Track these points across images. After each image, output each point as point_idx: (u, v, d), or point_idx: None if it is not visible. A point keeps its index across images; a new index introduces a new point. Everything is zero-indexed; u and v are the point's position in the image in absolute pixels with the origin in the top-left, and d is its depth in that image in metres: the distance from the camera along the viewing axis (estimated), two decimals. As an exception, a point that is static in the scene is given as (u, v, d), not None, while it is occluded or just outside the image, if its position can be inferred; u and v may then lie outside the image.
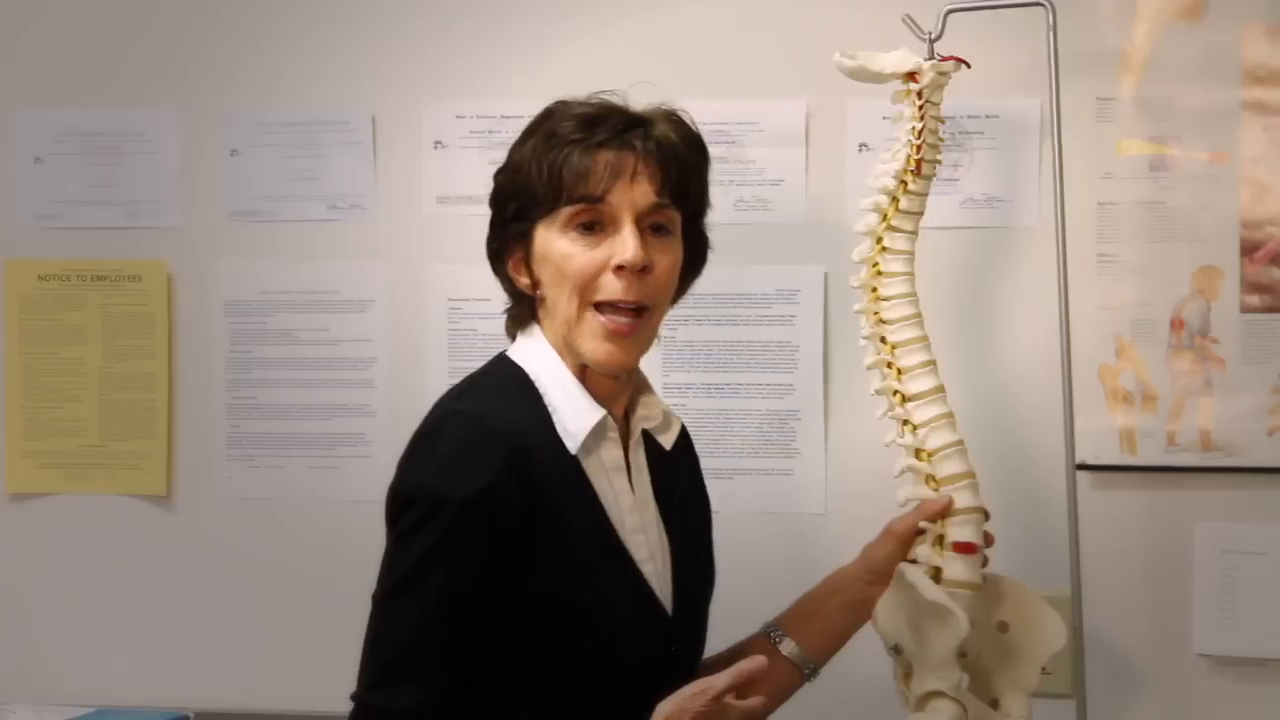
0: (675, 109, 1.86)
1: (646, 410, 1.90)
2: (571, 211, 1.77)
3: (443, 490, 1.70)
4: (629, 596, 1.80)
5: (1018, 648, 1.96)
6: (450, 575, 1.70)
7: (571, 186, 1.77)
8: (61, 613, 2.64)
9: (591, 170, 1.76)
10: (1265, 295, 2.36)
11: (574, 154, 1.77)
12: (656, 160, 1.79)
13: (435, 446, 1.75)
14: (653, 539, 1.85)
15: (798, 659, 1.98)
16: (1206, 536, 2.38)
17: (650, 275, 1.79)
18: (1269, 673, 2.38)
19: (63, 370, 2.62)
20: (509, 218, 1.83)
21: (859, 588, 1.97)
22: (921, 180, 2.00)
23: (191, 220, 2.61)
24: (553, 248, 1.79)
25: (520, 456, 1.73)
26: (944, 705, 1.87)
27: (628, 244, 1.76)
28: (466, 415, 1.77)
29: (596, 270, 1.77)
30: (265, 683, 2.58)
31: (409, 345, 2.56)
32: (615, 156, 1.77)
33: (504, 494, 1.71)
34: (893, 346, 1.98)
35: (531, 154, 1.80)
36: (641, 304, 1.79)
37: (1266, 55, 2.35)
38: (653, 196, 1.79)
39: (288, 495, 2.59)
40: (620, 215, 1.77)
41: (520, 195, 1.81)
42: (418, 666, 1.71)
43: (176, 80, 2.60)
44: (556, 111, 1.83)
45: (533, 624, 1.75)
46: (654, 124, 1.82)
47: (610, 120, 1.79)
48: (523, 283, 1.84)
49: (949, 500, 1.93)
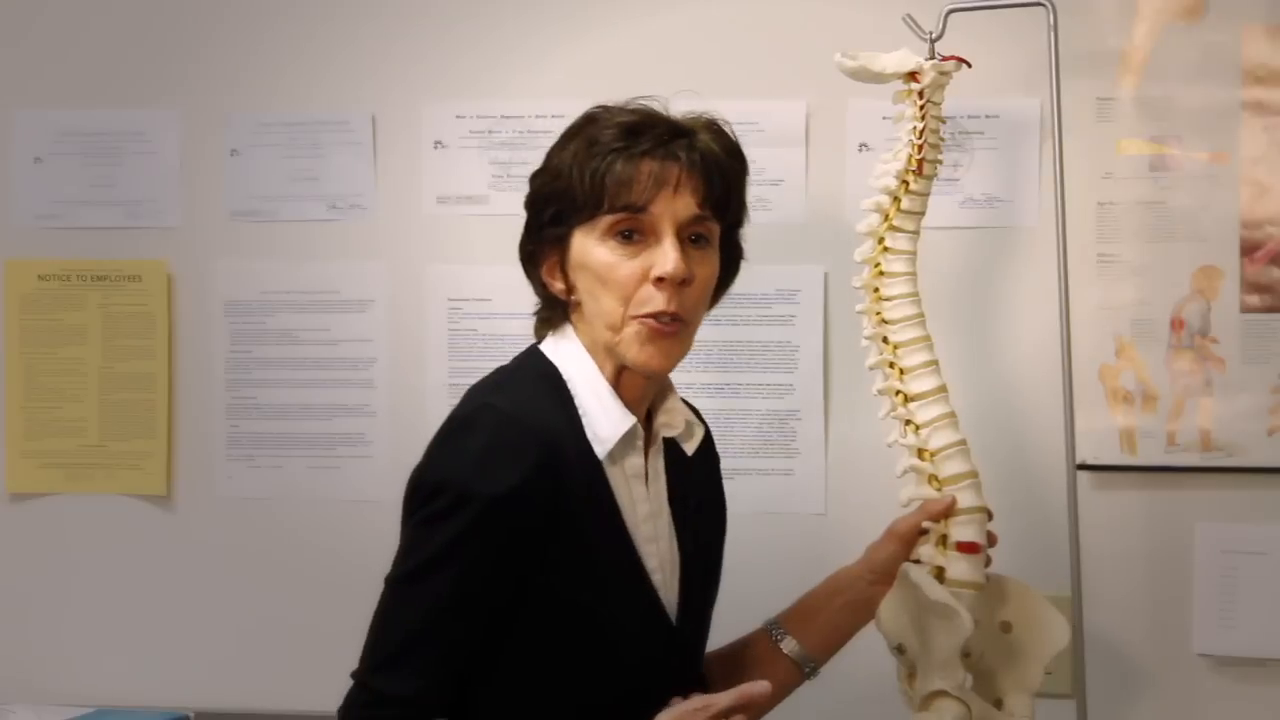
0: (716, 118, 1.85)
1: (668, 417, 1.89)
2: (612, 220, 1.76)
3: (471, 485, 1.70)
4: (636, 605, 1.80)
5: (1021, 648, 1.96)
6: (466, 570, 1.70)
7: (614, 195, 1.76)
8: (61, 612, 2.64)
9: (635, 179, 1.75)
10: (1265, 295, 2.36)
11: (617, 162, 1.76)
12: (700, 172, 1.78)
13: (467, 440, 1.74)
14: (663, 548, 1.85)
15: (798, 657, 1.98)
16: (1206, 536, 2.38)
17: (688, 287, 1.78)
18: (1269, 673, 2.38)
19: (63, 370, 2.62)
20: (546, 222, 1.81)
21: (861, 588, 1.97)
22: (923, 180, 2.00)
23: (191, 220, 2.60)
24: (591, 255, 1.78)
25: (550, 458, 1.72)
26: (948, 705, 1.87)
27: (669, 256, 1.75)
28: (501, 410, 1.75)
29: (637, 280, 1.76)
30: (265, 683, 2.58)
31: (409, 345, 2.56)
32: (659, 166, 1.76)
33: (531, 495, 1.70)
34: (895, 347, 1.98)
35: (573, 159, 1.78)
36: (679, 315, 1.78)
37: (1266, 55, 2.35)
38: (694, 208, 1.78)
39: (288, 495, 2.59)
40: (661, 226, 1.76)
41: (559, 200, 1.79)
42: (421, 655, 1.71)
43: (176, 80, 2.60)
44: (599, 117, 1.81)
45: (539, 624, 1.75)
46: (697, 134, 1.80)
47: (654, 129, 1.78)
48: (557, 287, 1.83)
49: (952, 500, 1.93)
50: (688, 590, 1.87)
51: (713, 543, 1.98)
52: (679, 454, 1.91)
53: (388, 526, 1.84)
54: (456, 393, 2.45)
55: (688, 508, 1.90)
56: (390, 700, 1.71)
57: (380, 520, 1.93)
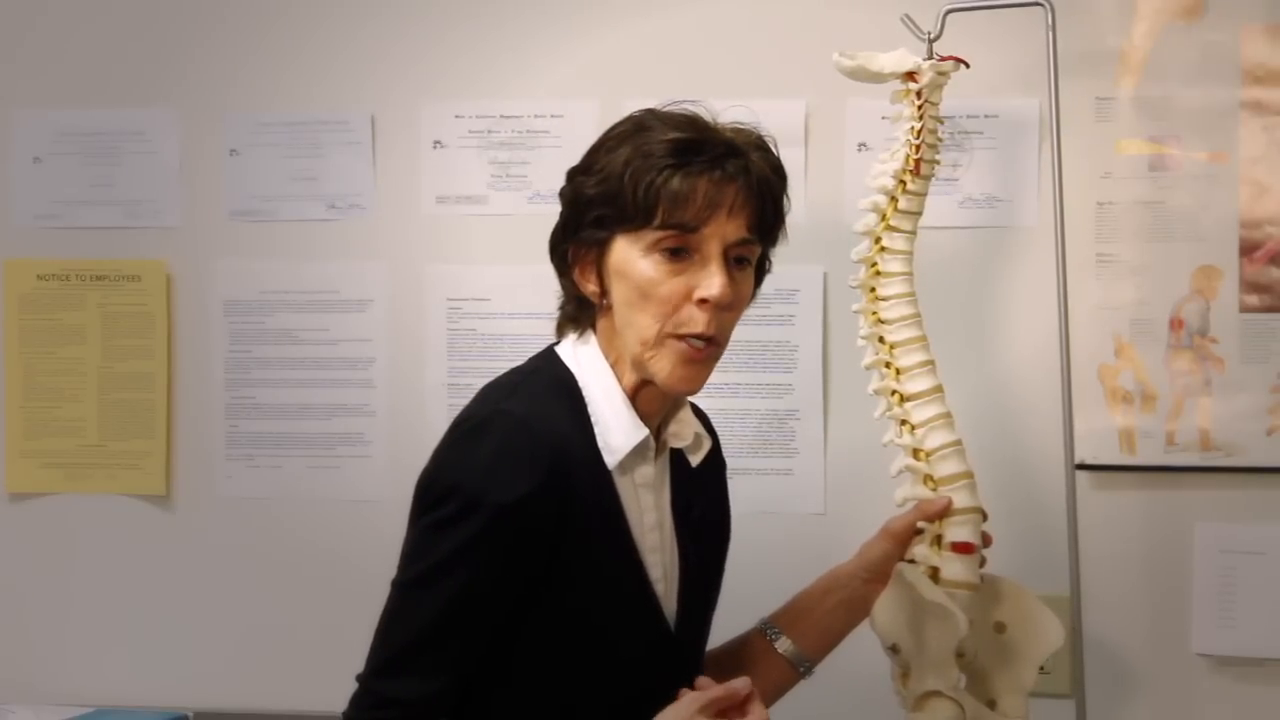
0: (764, 134, 1.83)
1: (678, 428, 1.88)
2: (662, 235, 1.74)
3: (481, 491, 1.69)
4: (638, 614, 1.79)
5: (1015, 648, 1.96)
6: (473, 576, 1.70)
7: (668, 210, 1.73)
8: (61, 612, 2.64)
9: (691, 198, 1.73)
10: (1264, 295, 2.36)
11: (674, 178, 1.73)
12: (755, 196, 1.77)
13: (479, 445, 1.73)
14: (666, 558, 1.85)
15: (793, 657, 1.98)
16: (1205, 536, 2.38)
17: (728, 310, 1.78)
18: (1268, 673, 2.38)
19: (62, 370, 2.62)
20: (587, 223, 1.79)
21: (855, 586, 1.97)
22: (920, 180, 2.00)
23: (191, 220, 2.61)
24: (634, 266, 1.76)
25: (561, 466, 1.71)
26: (942, 705, 1.86)
27: (715, 280, 1.74)
28: (514, 416, 1.74)
29: (681, 299, 1.75)
30: (265, 682, 2.58)
31: (408, 345, 2.56)
32: (714, 189, 1.74)
33: (540, 504, 1.70)
34: (891, 346, 1.98)
35: (624, 167, 1.75)
36: (716, 338, 1.78)
37: (1265, 55, 2.35)
38: (744, 232, 1.77)
39: (287, 495, 2.59)
40: (709, 246, 1.75)
41: (607, 204, 1.76)
42: (426, 660, 1.71)
43: (176, 80, 2.60)
44: (651, 125, 1.78)
45: (543, 630, 1.75)
46: (749, 154, 1.79)
47: (708, 146, 1.76)
48: (590, 289, 1.81)
49: (947, 500, 1.92)
50: (688, 599, 1.87)
51: (714, 552, 1.97)
52: (684, 462, 1.91)
53: (387, 526, 1.84)
54: (456, 392, 2.49)
55: (691, 517, 1.89)
56: (394, 703, 1.71)
57: (380, 520, 1.93)
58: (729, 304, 1.76)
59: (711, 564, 1.96)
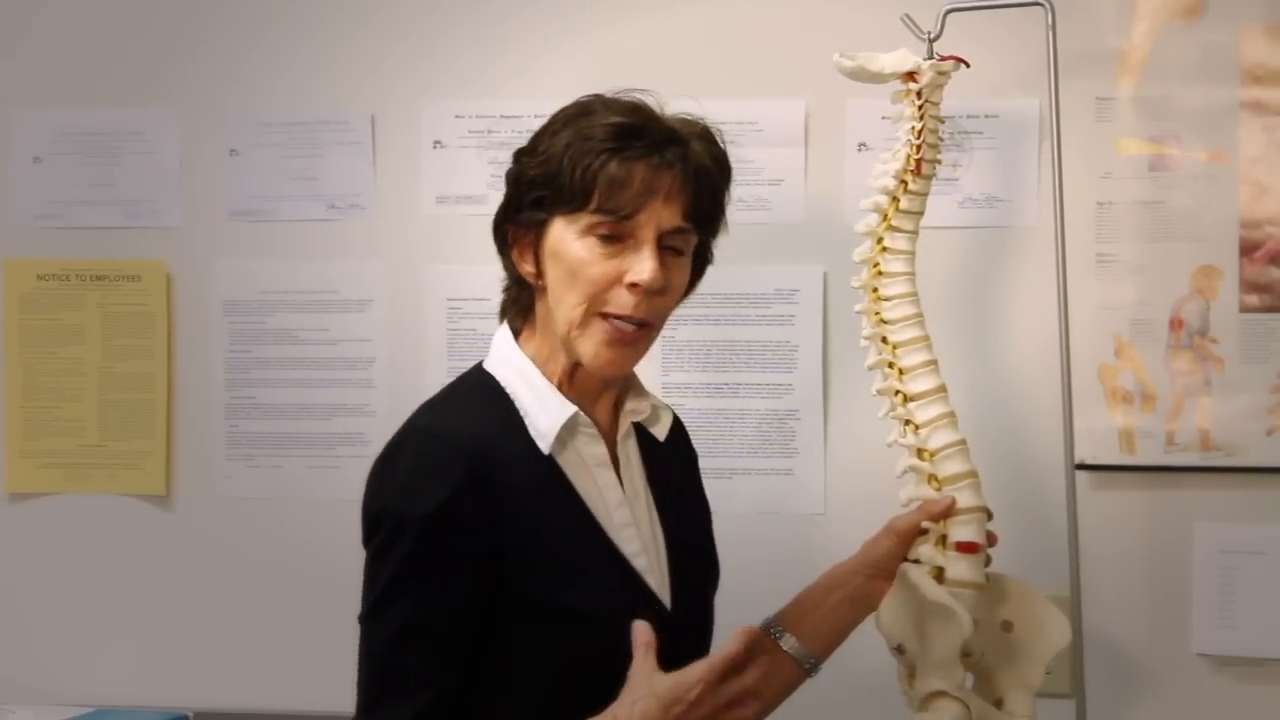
0: (709, 124, 1.84)
1: (635, 404, 1.90)
2: (596, 220, 1.76)
3: (404, 509, 1.72)
4: (620, 591, 1.79)
5: (1022, 647, 1.95)
6: (423, 589, 1.71)
7: (604, 195, 1.75)
8: (61, 612, 2.64)
9: (626, 184, 1.75)
10: (1264, 295, 2.36)
11: (611, 163, 1.75)
12: (691, 185, 1.78)
13: (396, 466, 1.76)
14: (645, 533, 1.85)
15: (798, 655, 1.97)
16: (1205, 536, 2.38)
17: (660, 296, 1.79)
18: (1268, 672, 2.38)
19: (62, 370, 2.62)
20: (527, 204, 1.81)
21: (858, 582, 1.97)
22: (921, 180, 2.00)
23: (190, 220, 2.61)
24: (568, 248, 1.77)
25: (479, 467, 1.73)
26: (947, 705, 1.86)
27: (646, 265, 1.75)
28: (424, 431, 1.78)
29: (610, 282, 1.76)
30: (265, 683, 2.58)
31: (408, 345, 2.56)
32: (652, 175, 1.76)
33: (462, 506, 1.71)
34: (894, 346, 1.98)
35: (565, 149, 1.77)
36: (647, 321, 1.79)
37: (1265, 55, 2.35)
38: (679, 220, 1.78)
39: (287, 495, 2.59)
40: (643, 233, 1.76)
41: (545, 186, 1.78)
42: (404, 681, 1.71)
43: (175, 79, 2.60)
44: (594, 109, 1.80)
45: (528, 629, 1.75)
46: (690, 143, 1.80)
47: (649, 133, 1.77)
48: (527, 270, 1.83)
49: (951, 500, 1.92)
50: (679, 572, 1.87)
51: (700, 525, 1.98)
52: (653, 440, 1.92)
53: (387, 526, 1.84)
54: (456, 392, 2.48)
55: (669, 493, 1.91)
56: None
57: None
58: (659, 289, 1.77)
59: (700, 538, 1.96)
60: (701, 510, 2.01)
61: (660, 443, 1.93)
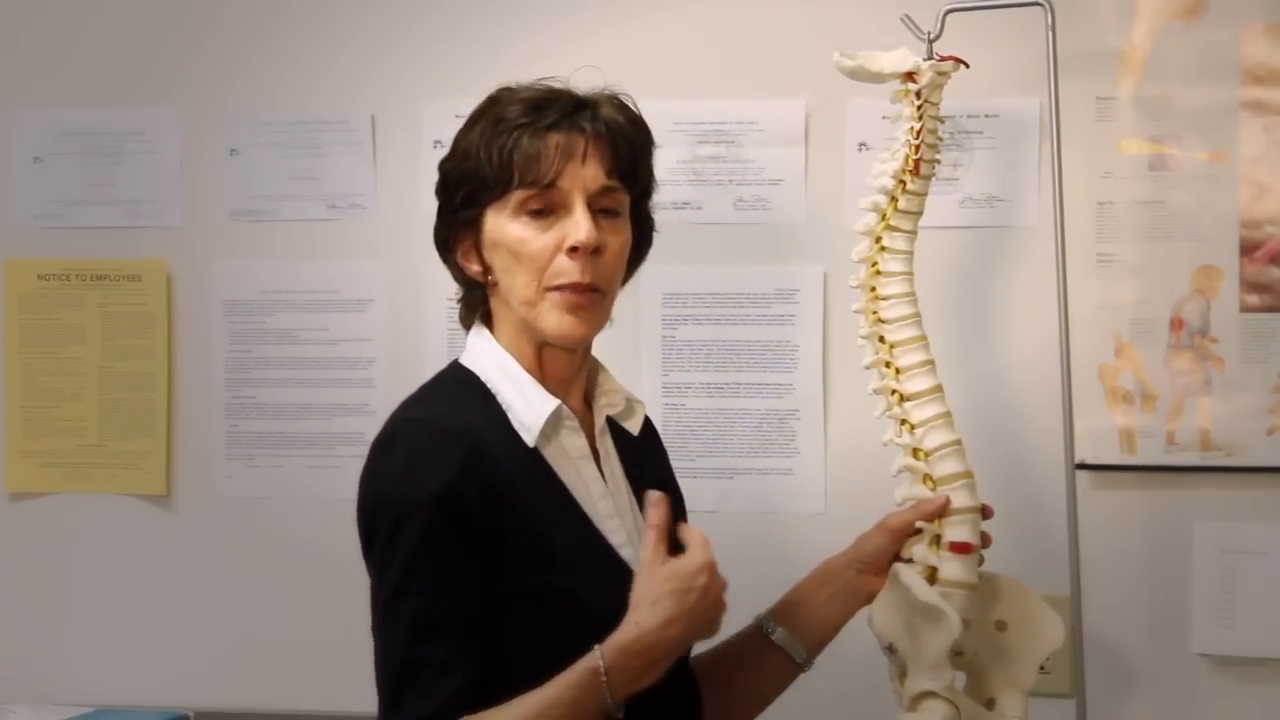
0: (618, 93, 1.87)
1: (608, 397, 1.91)
2: (523, 196, 1.78)
3: (406, 496, 1.72)
4: (610, 580, 1.78)
5: (1015, 647, 1.96)
6: (436, 575, 1.71)
7: (523, 171, 1.77)
8: (61, 612, 2.64)
9: (542, 154, 1.77)
10: (1265, 295, 2.36)
11: (524, 138, 1.78)
12: (606, 142, 1.80)
13: (392, 456, 1.76)
14: (629, 524, 1.86)
15: (791, 649, 1.97)
16: (1205, 536, 2.38)
17: (602, 257, 1.80)
18: (1268, 672, 2.38)
19: (62, 370, 2.62)
20: (458, 205, 1.83)
21: (848, 577, 1.97)
22: (920, 180, 2.00)
23: (191, 220, 2.61)
24: (505, 233, 1.79)
25: (475, 454, 1.73)
26: (937, 706, 1.86)
27: (581, 225, 1.77)
28: (419, 420, 1.79)
29: (551, 253, 1.78)
30: (265, 682, 2.58)
31: (409, 345, 2.56)
32: (565, 139, 1.78)
33: (466, 488, 1.71)
34: (891, 346, 1.98)
35: (480, 139, 1.80)
36: (595, 285, 1.80)
37: (1266, 55, 2.35)
38: (603, 179, 1.80)
39: (287, 495, 2.59)
40: (571, 198, 1.78)
41: (469, 181, 1.81)
42: (426, 672, 1.70)
43: (176, 79, 2.60)
44: (502, 97, 1.83)
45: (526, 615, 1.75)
46: (600, 106, 1.83)
47: (558, 103, 1.80)
48: (473, 270, 1.85)
49: (946, 500, 1.93)
50: None
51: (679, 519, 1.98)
52: (626, 436, 1.93)
53: (386, 526, 1.84)
54: (455, 392, 2.48)
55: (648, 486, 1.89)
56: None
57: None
58: (598, 247, 1.78)
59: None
60: (678, 504, 2.01)
61: (633, 438, 1.94)
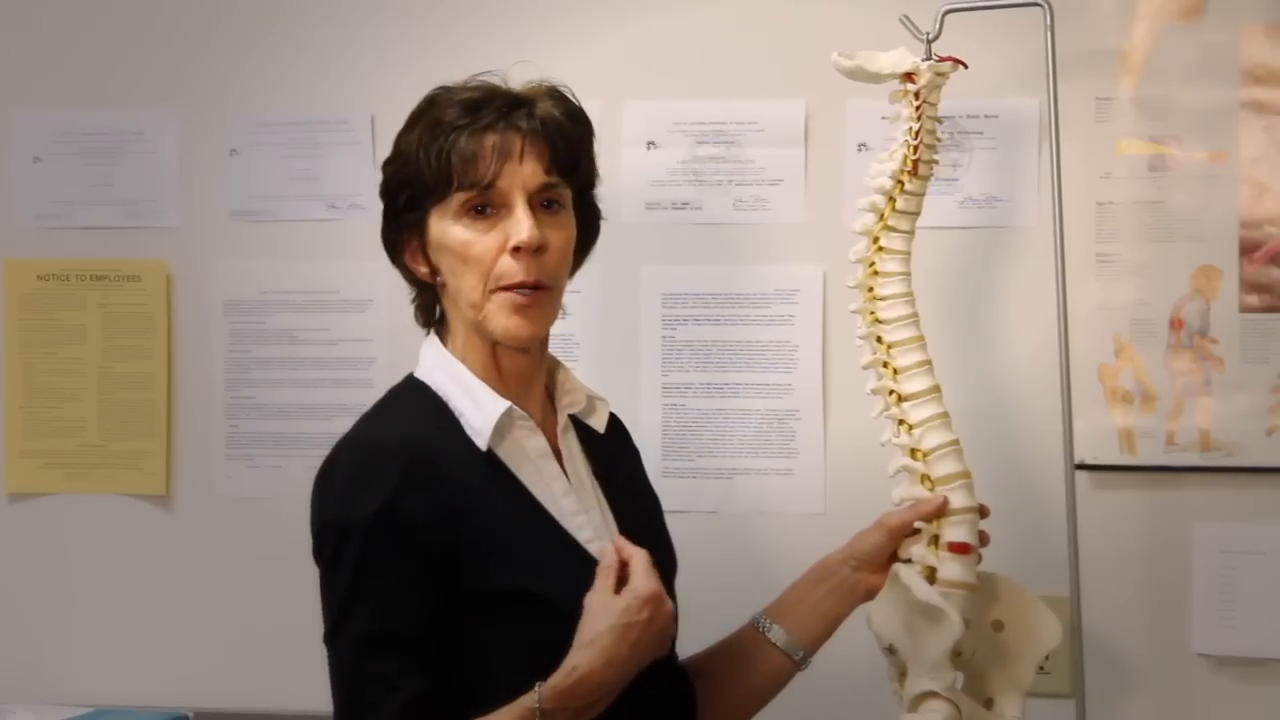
0: (556, 85, 1.88)
1: (570, 396, 1.92)
2: (463, 198, 1.79)
3: (345, 518, 1.73)
4: (579, 577, 1.78)
5: (1013, 647, 1.96)
6: (378, 595, 1.72)
7: (461, 172, 1.79)
8: (60, 612, 2.64)
9: (479, 155, 1.78)
10: (1264, 295, 2.36)
11: (460, 139, 1.79)
12: (543, 138, 1.81)
13: (333, 479, 1.78)
14: (596, 519, 1.87)
15: (787, 646, 1.98)
16: (1205, 536, 2.38)
17: (547, 254, 1.81)
18: (1268, 672, 2.38)
19: (62, 370, 2.62)
20: (401, 208, 1.85)
21: (844, 574, 1.98)
22: (918, 180, 2.00)
23: (191, 220, 2.61)
24: (449, 235, 1.81)
25: (417, 468, 1.74)
26: (937, 706, 1.86)
27: (522, 225, 1.78)
28: (358, 440, 1.80)
29: (495, 253, 1.79)
30: (265, 683, 2.58)
31: (409, 345, 2.53)
32: (501, 139, 1.79)
33: (404, 507, 1.72)
34: (889, 346, 1.98)
35: (418, 142, 1.82)
36: (541, 283, 1.81)
37: (1265, 55, 2.35)
38: (542, 175, 1.81)
39: (287, 495, 2.57)
40: (512, 197, 1.79)
41: (410, 185, 1.83)
42: (372, 691, 1.71)
43: (176, 79, 2.60)
44: (439, 99, 1.84)
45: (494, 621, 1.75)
46: (536, 102, 1.84)
47: (494, 103, 1.81)
48: (421, 272, 1.87)
49: (944, 501, 1.93)
50: None
51: (652, 515, 2.00)
52: (593, 435, 1.94)
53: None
54: (455, 392, 2.47)
55: (616, 485, 1.93)
56: None
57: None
58: (541, 246, 1.79)
59: (652, 525, 1.97)
60: (652, 501, 2.02)
61: (601, 438, 1.95)
